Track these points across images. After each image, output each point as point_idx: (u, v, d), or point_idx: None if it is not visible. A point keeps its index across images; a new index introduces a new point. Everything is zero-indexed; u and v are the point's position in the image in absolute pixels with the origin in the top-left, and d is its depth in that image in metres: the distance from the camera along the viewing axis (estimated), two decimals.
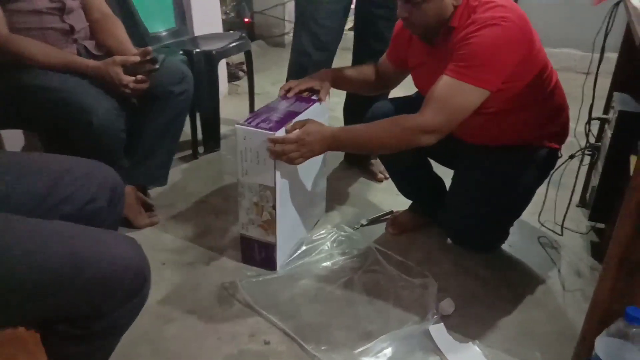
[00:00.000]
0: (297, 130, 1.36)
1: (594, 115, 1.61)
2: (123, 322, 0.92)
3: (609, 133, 1.54)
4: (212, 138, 2.32)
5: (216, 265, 1.58)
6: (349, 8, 1.91)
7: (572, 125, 1.69)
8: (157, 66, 1.53)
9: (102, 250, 0.84)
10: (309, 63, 1.83)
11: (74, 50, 1.59)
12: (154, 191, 1.92)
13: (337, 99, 2.05)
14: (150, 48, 1.55)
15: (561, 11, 3.32)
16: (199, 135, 2.28)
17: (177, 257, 1.62)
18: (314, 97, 1.57)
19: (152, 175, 1.75)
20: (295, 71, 1.87)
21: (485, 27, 1.24)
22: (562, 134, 1.52)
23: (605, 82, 1.65)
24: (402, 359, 1.26)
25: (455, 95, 1.26)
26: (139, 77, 1.52)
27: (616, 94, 1.59)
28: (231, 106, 2.76)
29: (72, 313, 0.84)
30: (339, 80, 1.63)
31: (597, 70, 1.56)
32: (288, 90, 1.55)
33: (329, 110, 1.67)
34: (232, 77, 3.13)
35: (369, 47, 1.91)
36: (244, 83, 3.02)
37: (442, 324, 1.35)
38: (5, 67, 1.48)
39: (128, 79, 1.50)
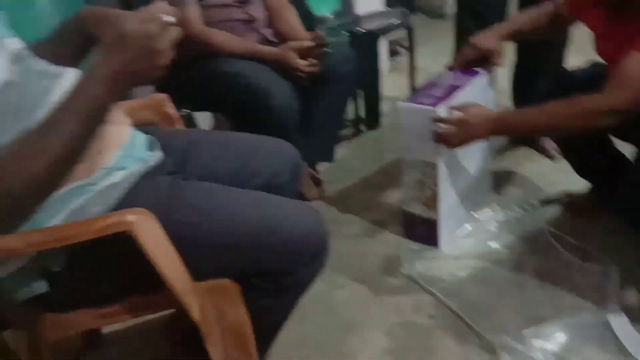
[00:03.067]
0: (459, 112, 1.34)
1: None
2: (307, 280, 1.02)
3: None
4: (373, 116, 2.38)
5: (380, 239, 1.65)
6: None
7: None
8: (327, 49, 1.62)
9: (291, 216, 0.95)
10: None
11: (255, 38, 1.75)
12: (321, 167, 2.05)
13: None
14: (321, 33, 1.65)
15: None
16: (361, 113, 2.35)
17: (343, 229, 1.72)
18: (477, 69, 1.52)
19: (321, 152, 1.87)
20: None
21: None
22: None
23: None
24: (578, 348, 1.19)
25: None
26: (312, 60, 1.62)
27: None
28: (391, 83, 2.78)
29: (265, 268, 0.96)
30: (511, 36, 1.51)
31: None
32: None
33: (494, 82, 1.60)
34: (392, 53, 3.14)
35: None
36: (404, 59, 3.01)
37: (625, 315, 1.24)
38: (199, 57, 1.70)
39: (302, 62, 1.61)
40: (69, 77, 0.92)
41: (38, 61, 0.92)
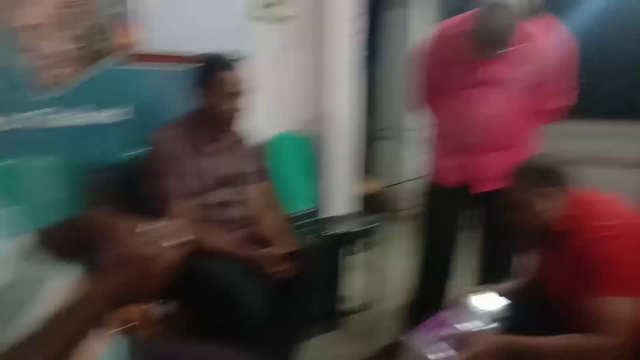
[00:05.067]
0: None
1: None
2: None
3: None
4: (330, 317, 2.41)
5: None
6: None
7: None
8: (303, 258, 1.73)
9: None
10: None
11: (236, 237, 1.84)
12: None
13: None
14: (297, 243, 1.77)
15: None
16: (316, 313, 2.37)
17: None
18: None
19: (281, 354, 1.85)
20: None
21: None
22: None
23: None
24: None
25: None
26: (285, 267, 1.73)
27: None
28: (347, 281, 2.85)
29: None
30: None
31: None
32: None
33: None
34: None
35: None
36: (359, 256, 3.12)
37: None
38: None
39: (276, 269, 1.72)
40: (52, 285, 0.93)
41: (30, 265, 0.95)
